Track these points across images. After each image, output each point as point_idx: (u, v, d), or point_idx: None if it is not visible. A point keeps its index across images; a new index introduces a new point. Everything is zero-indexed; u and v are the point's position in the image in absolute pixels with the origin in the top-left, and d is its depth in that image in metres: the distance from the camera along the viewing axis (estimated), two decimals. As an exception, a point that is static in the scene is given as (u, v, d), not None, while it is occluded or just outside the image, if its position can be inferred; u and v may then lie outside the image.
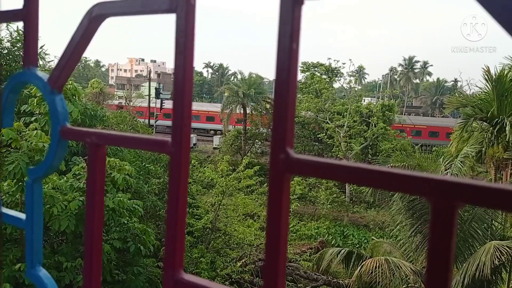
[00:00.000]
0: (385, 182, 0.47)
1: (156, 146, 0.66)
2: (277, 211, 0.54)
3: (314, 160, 0.52)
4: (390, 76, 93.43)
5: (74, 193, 10.46)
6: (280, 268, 0.55)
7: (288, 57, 0.52)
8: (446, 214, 0.43)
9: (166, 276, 0.63)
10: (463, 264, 13.07)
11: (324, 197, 28.90)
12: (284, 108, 0.53)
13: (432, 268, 0.43)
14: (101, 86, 44.70)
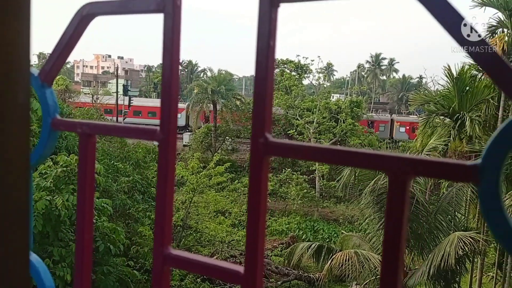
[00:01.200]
0: (349, 160, 0.55)
1: (146, 135, 0.72)
2: (257, 189, 0.61)
3: (289, 143, 0.59)
4: (358, 73, 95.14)
5: (40, 193, 10.23)
6: (259, 242, 0.63)
7: (266, 53, 0.59)
8: (401, 185, 0.52)
9: (156, 252, 0.69)
10: (429, 255, 13.52)
11: (295, 192, 29.24)
12: (263, 97, 0.60)
13: (388, 234, 0.52)
14: (67, 83, 43.62)
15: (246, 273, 0.63)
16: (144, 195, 19.01)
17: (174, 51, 0.67)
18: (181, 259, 0.68)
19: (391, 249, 0.52)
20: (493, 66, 0.47)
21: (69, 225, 11.64)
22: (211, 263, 0.66)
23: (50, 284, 0.84)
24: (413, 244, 14.62)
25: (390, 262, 0.52)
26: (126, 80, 56.92)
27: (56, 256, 10.73)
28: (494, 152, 0.48)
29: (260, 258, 0.62)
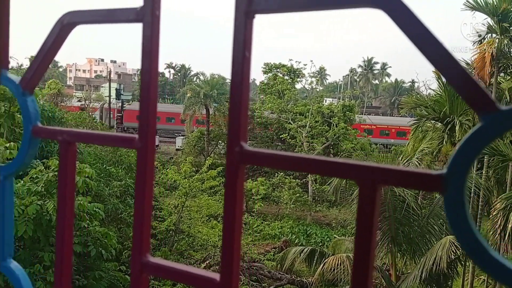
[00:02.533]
0: (322, 169, 0.56)
1: (124, 142, 0.72)
2: (233, 197, 0.62)
3: (264, 152, 0.60)
4: (350, 77, 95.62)
5: (31, 197, 10.16)
6: (235, 250, 0.63)
7: (241, 63, 0.60)
8: (370, 193, 0.53)
9: (134, 260, 0.69)
10: (421, 259, 13.57)
11: (288, 196, 29.23)
12: (238, 107, 0.61)
13: (359, 238, 0.53)
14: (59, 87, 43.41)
15: (221, 280, 0.63)
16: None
17: (152, 59, 0.67)
18: (159, 267, 0.68)
19: (362, 256, 0.53)
20: (461, 82, 0.49)
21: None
22: (188, 270, 0.66)
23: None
24: (405, 248, 14.68)
25: (361, 268, 0.53)
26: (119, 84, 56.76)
27: (47, 262, 10.64)
28: (459, 161, 0.49)
29: (236, 265, 0.63)
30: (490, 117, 0.47)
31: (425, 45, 0.49)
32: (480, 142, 0.47)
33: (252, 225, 24.23)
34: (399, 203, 14.05)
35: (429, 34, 0.49)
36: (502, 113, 0.46)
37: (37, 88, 6.28)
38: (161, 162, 28.51)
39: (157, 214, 18.99)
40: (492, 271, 0.46)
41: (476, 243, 0.47)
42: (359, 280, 0.52)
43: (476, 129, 0.47)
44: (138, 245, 0.69)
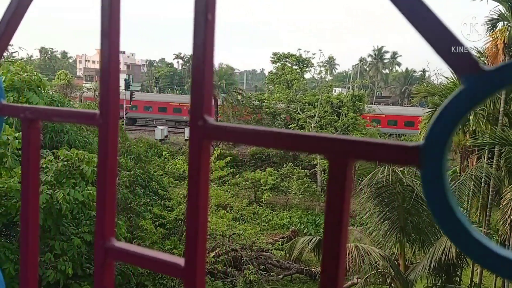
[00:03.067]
0: (289, 143, 0.50)
1: (85, 119, 0.67)
2: (197, 176, 0.56)
3: (230, 126, 0.55)
4: (360, 67, 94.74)
5: (42, 187, 10.25)
6: (200, 233, 0.58)
7: (203, 26, 0.54)
8: (341, 169, 0.47)
9: (97, 245, 0.65)
10: (430, 249, 13.48)
11: (296, 187, 29.20)
12: (201, 76, 0.55)
13: (329, 222, 0.47)
14: (69, 78, 43.63)
15: (186, 266, 0.58)
16: (145, 189, 19.05)
17: (112, 31, 0.62)
18: (123, 252, 0.63)
19: (332, 238, 0.47)
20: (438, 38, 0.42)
21: (70, 219, 11.67)
22: (152, 255, 0.62)
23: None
24: (414, 238, 14.59)
25: (331, 251, 0.47)
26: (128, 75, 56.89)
27: (58, 250, 10.77)
28: (438, 131, 0.43)
29: (201, 249, 0.58)
30: (473, 79, 0.41)
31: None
32: (461, 108, 0.41)
33: (260, 215, 24.26)
34: (408, 193, 13.93)
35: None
36: (486, 75, 0.40)
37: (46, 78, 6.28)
38: (170, 153, 28.60)
39: (166, 203, 19.09)
40: (474, 254, 0.41)
41: (457, 223, 0.41)
42: (330, 264, 0.47)
43: (457, 93, 0.41)
44: (101, 228, 0.64)
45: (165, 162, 26.10)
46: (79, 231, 11.59)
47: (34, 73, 13.13)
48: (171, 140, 44.33)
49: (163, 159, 26.60)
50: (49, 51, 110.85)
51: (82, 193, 10.30)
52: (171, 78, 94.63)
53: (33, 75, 12.85)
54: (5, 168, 9.38)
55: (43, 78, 13.68)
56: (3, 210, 9.70)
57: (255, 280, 17.00)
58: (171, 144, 41.68)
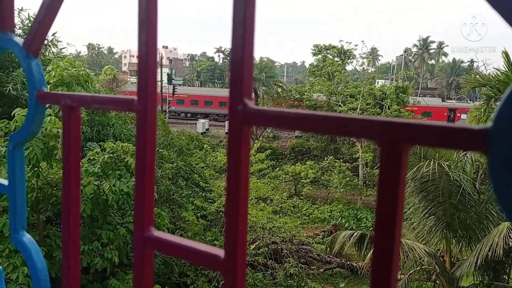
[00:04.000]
0: (336, 127, 0.46)
1: (123, 105, 0.66)
2: (237, 164, 0.54)
3: (272, 110, 0.51)
4: (405, 58, 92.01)
5: (89, 178, 10.62)
6: (240, 224, 0.55)
7: (244, 9, 0.51)
8: (395, 156, 0.43)
9: (136, 235, 0.63)
10: (476, 246, 12.99)
11: (337, 180, 28.84)
12: (241, 58, 0.52)
13: (381, 212, 0.43)
14: (114, 73, 44.93)
15: (226, 258, 0.56)
16: (187, 181, 19.39)
17: (150, 17, 0.60)
18: (162, 242, 0.62)
19: (384, 233, 0.43)
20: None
21: (116, 209, 12.05)
22: (191, 246, 0.59)
23: (41, 266, 0.81)
24: (461, 234, 14.09)
25: (383, 246, 0.43)
26: (171, 69, 57.97)
27: (104, 239, 11.14)
28: (508, 113, 0.37)
29: (242, 241, 0.55)
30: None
31: None
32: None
33: (301, 208, 24.16)
34: (455, 188, 13.44)
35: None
36: None
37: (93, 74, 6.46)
38: (211, 146, 28.96)
39: (208, 195, 19.35)
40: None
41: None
42: (382, 262, 0.43)
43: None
44: (140, 218, 0.63)
45: (206, 154, 26.45)
46: (125, 221, 11.95)
47: (82, 68, 13.58)
48: (212, 133, 44.90)
49: (204, 152, 26.98)
50: (96, 47, 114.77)
51: (127, 184, 10.59)
52: (212, 72, 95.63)
53: (81, 71, 13.29)
54: (56, 159, 9.77)
55: (91, 73, 14.12)
56: (54, 200, 10.14)
57: (296, 273, 16.97)
58: (212, 137, 42.22)
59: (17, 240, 0.83)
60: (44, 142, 9.52)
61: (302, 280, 17.00)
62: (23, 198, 0.82)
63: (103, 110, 15.06)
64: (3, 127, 9.83)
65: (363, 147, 31.12)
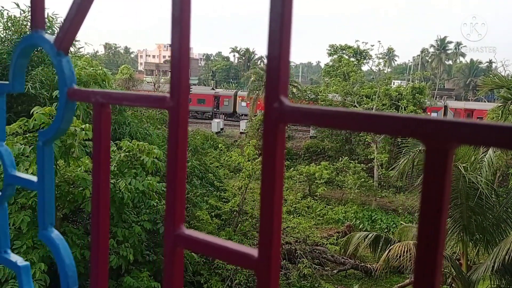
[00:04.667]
0: (379, 126, 0.45)
1: (156, 102, 0.66)
2: (272, 162, 0.53)
3: (308, 108, 0.51)
4: (421, 58, 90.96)
5: (105, 176, 10.71)
6: (275, 222, 0.55)
7: (281, 5, 0.50)
8: (441, 156, 0.41)
9: (167, 233, 0.63)
10: (494, 249, 12.79)
11: (352, 181, 28.65)
12: (278, 55, 0.51)
13: (425, 214, 0.42)
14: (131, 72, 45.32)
15: (260, 257, 0.55)
16: (202, 180, 19.46)
17: (183, 15, 0.59)
18: (194, 240, 0.61)
19: (427, 237, 0.42)
20: None
21: (131, 208, 12.15)
22: (224, 245, 0.59)
23: (69, 262, 0.81)
24: (478, 237, 13.88)
25: (426, 254, 0.42)
26: (186, 69, 58.12)
27: (120, 237, 11.24)
28: None
29: (276, 240, 0.54)
30: None
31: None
32: None
33: (315, 208, 24.07)
34: (472, 190, 13.24)
35: None
36: None
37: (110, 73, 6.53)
38: (225, 145, 29.03)
39: (222, 195, 19.40)
40: None
41: None
42: (424, 269, 0.41)
43: None
44: (171, 216, 0.62)
45: (221, 154, 26.53)
46: (140, 219, 12.04)
47: (99, 67, 13.71)
48: (227, 133, 45.01)
49: (218, 151, 27.06)
50: (112, 46, 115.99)
51: (143, 183, 10.66)
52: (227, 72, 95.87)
53: (98, 70, 13.42)
54: (73, 157, 9.88)
55: (108, 72, 14.25)
56: (70, 197, 10.26)
57: (309, 274, 16.92)
58: (226, 136, 42.32)
59: (46, 236, 0.84)
60: (62, 140, 9.64)
61: (316, 281, 16.94)
62: (52, 195, 0.83)
63: (119, 109, 15.19)
64: (22, 125, 9.98)
65: (378, 148, 30.88)
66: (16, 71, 0.86)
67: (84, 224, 11.20)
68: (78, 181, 10.10)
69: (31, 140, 9.94)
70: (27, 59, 0.90)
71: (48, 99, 13.09)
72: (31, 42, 0.83)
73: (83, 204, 9.71)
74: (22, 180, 0.89)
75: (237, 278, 15.06)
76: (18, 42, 0.85)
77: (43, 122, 9.41)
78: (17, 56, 0.85)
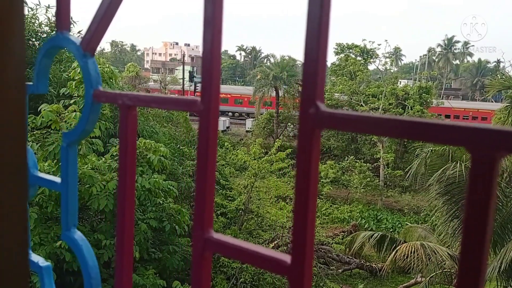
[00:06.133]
0: (420, 133, 0.45)
1: (186, 106, 0.66)
2: (307, 168, 0.52)
3: (346, 114, 0.50)
4: (428, 57, 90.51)
5: (112, 173, 10.75)
6: (308, 229, 0.54)
7: (319, 7, 0.50)
8: (488, 165, 0.41)
9: (196, 236, 0.63)
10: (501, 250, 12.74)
11: (358, 181, 28.58)
12: (315, 60, 0.51)
13: (469, 224, 0.41)
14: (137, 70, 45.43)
15: (293, 263, 0.55)
16: (207, 179, 19.47)
17: (216, 16, 0.59)
18: (223, 244, 0.61)
19: (472, 247, 0.41)
20: None
21: (138, 205, 12.18)
22: (255, 250, 0.58)
23: (93, 263, 0.81)
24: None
25: (470, 262, 0.41)
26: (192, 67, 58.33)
27: (126, 234, 11.26)
28: None
29: (309, 247, 0.54)
30: None
31: None
32: None
33: (320, 208, 24.06)
34: (479, 190, 13.17)
35: None
36: None
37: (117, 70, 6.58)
38: (231, 144, 29.06)
39: (227, 193, 19.42)
40: None
41: None
42: (468, 279, 0.41)
43: None
44: (200, 219, 0.62)
45: (227, 152, 26.54)
46: (146, 217, 12.07)
47: (106, 65, 13.75)
48: (233, 131, 45.04)
49: (224, 150, 27.07)
50: (119, 44, 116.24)
51: (149, 180, 10.68)
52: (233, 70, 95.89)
53: (105, 67, 13.45)
54: (80, 155, 9.92)
55: (115, 70, 14.29)
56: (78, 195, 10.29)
57: (314, 273, 16.91)
58: (232, 135, 42.36)
59: (69, 237, 0.84)
60: (70, 138, 9.69)
61: (321, 280, 16.92)
62: (75, 196, 0.83)
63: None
64: (29, 122, 10.03)
65: (384, 147, 30.78)
66: (40, 72, 0.86)
67: (90, 221, 11.24)
68: (84, 179, 10.13)
69: (38, 137, 9.98)
70: (51, 60, 0.90)
71: (55, 96, 13.14)
72: (56, 43, 0.83)
73: (89, 201, 9.74)
74: (45, 181, 0.89)
75: (242, 277, 15.06)
76: (44, 43, 0.85)
77: (51, 120, 9.44)
78: (41, 57, 0.85)
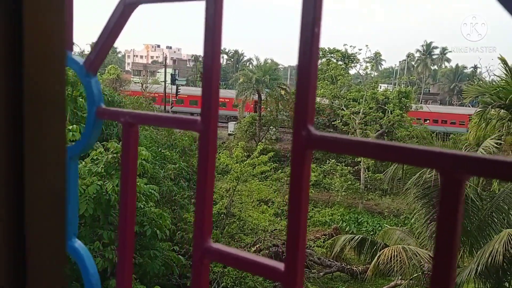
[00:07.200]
0: (398, 156, 0.51)
1: (187, 125, 0.71)
2: (299, 184, 0.58)
3: (334, 137, 0.56)
4: (407, 63, 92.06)
5: (92, 178, 10.63)
6: (300, 239, 0.60)
7: (310, 40, 0.56)
8: (455, 185, 0.47)
9: (196, 245, 0.68)
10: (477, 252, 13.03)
11: (339, 184, 28.89)
12: (306, 87, 0.57)
13: (440, 239, 0.48)
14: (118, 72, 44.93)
15: (286, 270, 0.61)
16: (189, 182, 19.40)
17: (215, 40, 0.65)
18: (221, 253, 0.66)
19: (443, 256, 0.48)
20: None
21: (118, 210, 12.08)
22: (251, 258, 0.64)
23: (93, 271, 0.86)
24: (462, 241, 14.14)
25: (442, 269, 0.48)
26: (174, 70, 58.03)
27: (106, 239, 11.14)
28: None
29: (301, 255, 0.60)
30: None
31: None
32: None
33: (302, 211, 24.16)
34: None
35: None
36: None
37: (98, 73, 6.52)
38: (213, 147, 28.96)
39: (209, 197, 19.34)
40: None
41: None
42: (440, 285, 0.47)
43: None
44: (200, 229, 0.68)
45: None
46: (127, 221, 11.97)
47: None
48: (214, 134, 44.86)
49: (206, 153, 26.98)
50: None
51: (130, 185, 10.60)
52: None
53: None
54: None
55: (95, 73, 14.14)
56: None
57: (296, 276, 16.98)
58: (214, 138, 42.19)
59: (70, 246, 0.88)
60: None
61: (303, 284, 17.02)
62: (76, 207, 0.87)
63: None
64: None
65: (365, 151, 31.11)
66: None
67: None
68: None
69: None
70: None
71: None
72: (60, 63, 0.87)
73: (81, 210, 9.65)
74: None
75: (224, 281, 15.05)
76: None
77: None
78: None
